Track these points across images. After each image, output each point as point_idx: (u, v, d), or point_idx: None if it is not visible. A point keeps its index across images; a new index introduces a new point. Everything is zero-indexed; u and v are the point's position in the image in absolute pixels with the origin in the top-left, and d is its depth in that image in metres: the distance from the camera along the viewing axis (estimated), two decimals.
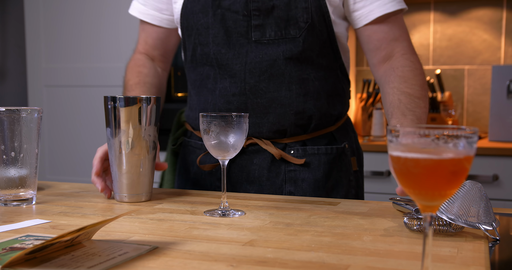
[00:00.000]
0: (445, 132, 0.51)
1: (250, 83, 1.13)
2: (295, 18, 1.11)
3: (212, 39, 1.14)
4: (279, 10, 1.11)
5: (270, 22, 1.12)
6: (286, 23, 1.11)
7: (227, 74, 1.15)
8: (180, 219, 0.85)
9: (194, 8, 1.16)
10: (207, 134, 0.88)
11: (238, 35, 1.13)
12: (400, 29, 1.15)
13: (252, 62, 1.13)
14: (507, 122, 2.25)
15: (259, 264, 0.62)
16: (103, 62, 2.73)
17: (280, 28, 1.11)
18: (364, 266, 0.62)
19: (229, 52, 1.14)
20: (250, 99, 1.13)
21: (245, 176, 1.17)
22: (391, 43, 1.14)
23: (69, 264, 0.61)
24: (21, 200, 0.97)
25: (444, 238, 0.75)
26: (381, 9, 1.12)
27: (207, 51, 1.16)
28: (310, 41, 1.12)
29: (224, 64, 1.14)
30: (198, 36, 1.16)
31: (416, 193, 0.53)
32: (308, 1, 1.11)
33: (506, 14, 2.56)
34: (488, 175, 2.05)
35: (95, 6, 2.72)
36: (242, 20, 1.12)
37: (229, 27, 1.13)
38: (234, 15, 1.12)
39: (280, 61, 1.12)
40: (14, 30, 3.13)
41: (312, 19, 1.11)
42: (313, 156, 1.16)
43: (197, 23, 1.16)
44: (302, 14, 1.11)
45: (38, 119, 0.97)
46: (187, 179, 1.26)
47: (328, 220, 0.85)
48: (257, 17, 1.12)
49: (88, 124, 2.76)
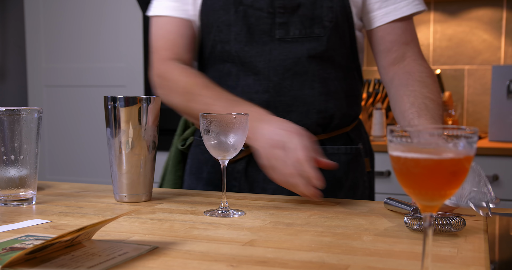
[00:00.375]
0: (445, 132, 0.51)
1: (274, 81, 1.13)
2: (320, 17, 1.11)
3: (234, 36, 1.14)
4: (304, 9, 1.11)
5: (294, 20, 1.11)
6: (311, 22, 1.11)
7: (250, 71, 1.14)
8: (180, 219, 0.85)
9: (215, 5, 1.15)
10: (207, 134, 0.88)
11: (260, 32, 1.12)
12: (412, 33, 1.17)
13: (276, 60, 1.12)
14: (507, 122, 2.25)
15: (259, 264, 0.62)
16: (103, 62, 2.73)
17: (305, 26, 1.11)
18: (364, 266, 0.62)
19: (252, 49, 1.13)
20: (273, 97, 1.13)
21: (263, 175, 1.15)
22: (402, 47, 1.15)
23: (69, 264, 0.61)
24: (21, 200, 0.97)
25: (444, 238, 0.75)
26: (397, 12, 1.14)
27: (228, 49, 1.15)
28: (333, 40, 1.13)
29: (247, 62, 1.14)
30: (218, 33, 1.15)
31: (416, 193, 0.53)
32: (333, 1, 1.11)
33: (506, 14, 2.56)
34: (488, 175, 2.05)
35: (95, 6, 2.72)
36: (266, 17, 1.12)
37: (251, 24, 1.12)
38: (257, 12, 1.12)
39: (303, 59, 1.12)
40: (14, 30, 3.13)
41: (336, 18, 1.12)
42: (333, 156, 1.16)
43: (217, 20, 1.15)
44: (327, 13, 1.11)
45: (38, 119, 0.97)
46: (200, 178, 1.25)
47: (328, 220, 0.85)
48: (282, 15, 1.12)
49: (88, 124, 2.76)
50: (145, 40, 2.63)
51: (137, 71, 2.66)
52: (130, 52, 2.67)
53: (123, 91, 2.67)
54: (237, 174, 1.18)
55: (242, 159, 1.18)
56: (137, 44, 2.65)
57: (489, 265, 0.62)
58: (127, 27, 2.67)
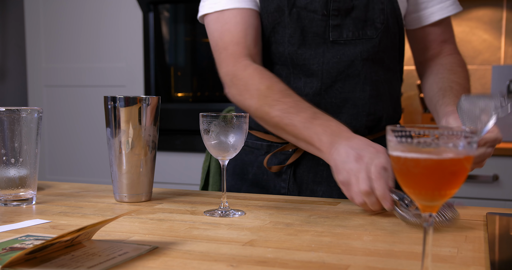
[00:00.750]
0: (445, 132, 0.51)
1: (327, 83, 1.12)
2: (372, 19, 1.12)
3: (288, 39, 1.13)
4: (358, 11, 1.12)
5: (347, 22, 1.12)
6: (363, 24, 1.12)
7: (302, 73, 1.13)
8: (180, 219, 0.85)
9: (269, 7, 1.13)
10: (207, 134, 0.88)
11: (313, 34, 1.12)
12: (450, 31, 1.20)
13: (330, 62, 1.12)
14: (507, 122, 2.25)
15: (259, 264, 0.62)
16: (103, 62, 2.73)
17: (358, 28, 1.12)
18: (364, 266, 0.62)
19: (305, 52, 1.12)
20: (324, 99, 1.13)
21: (312, 177, 1.15)
22: (440, 45, 1.19)
23: (69, 264, 0.61)
24: (21, 200, 0.97)
25: (444, 238, 0.75)
26: (442, 12, 1.16)
27: (281, 50, 1.14)
28: (384, 42, 1.14)
29: (301, 65, 1.13)
30: (274, 34, 1.14)
31: (416, 193, 0.53)
32: (384, 3, 1.12)
33: (506, 14, 2.56)
34: (488, 175, 2.05)
35: (95, 6, 2.72)
36: (321, 19, 1.11)
37: (305, 26, 1.12)
38: (310, 14, 1.11)
39: (357, 61, 1.12)
40: (14, 30, 3.13)
41: (387, 20, 1.13)
42: None
43: (272, 22, 1.14)
44: (379, 15, 1.12)
45: (38, 119, 0.97)
46: (244, 179, 1.23)
47: (328, 220, 0.85)
48: (336, 17, 1.11)
49: (88, 124, 2.76)
50: (145, 40, 2.63)
51: (137, 71, 2.66)
52: (130, 52, 2.67)
53: (123, 91, 2.67)
54: (285, 175, 1.17)
55: (291, 163, 1.17)
56: (137, 44, 2.65)
57: (489, 265, 0.62)
58: (127, 27, 2.67)
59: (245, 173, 1.23)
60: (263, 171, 1.20)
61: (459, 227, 0.81)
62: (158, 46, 2.62)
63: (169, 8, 2.62)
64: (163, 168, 2.55)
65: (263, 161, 1.18)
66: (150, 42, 2.62)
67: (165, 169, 2.56)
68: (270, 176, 1.19)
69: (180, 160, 2.55)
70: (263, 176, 1.20)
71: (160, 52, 2.63)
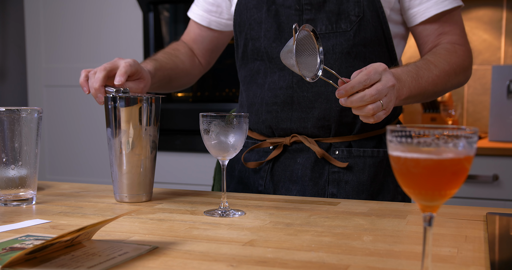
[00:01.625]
0: (445, 132, 0.51)
1: (298, 76, 1.13)
2: (346, 11, 1.11)
3: (264, 33, 1.15)
4: (330, 4, 1.12)
5: (321, 16, 1.12)
6: (337, 17, 1.11)
7: (276, 67, 1.15)
8: (180, 219, 0.85)
9: (248, 4, 1.18)
10: (207, 134, 0.88)
11: (290, 29, 1.14)
12: (452, 24, 1.16)
13: None
14: (507, 122, 2.25)
15: (259, 264, 0.62)
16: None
17: (331, 22, 1.12)
18: (364, 266, 0.62)
19: (279, 45, 1.14)
20: (297, 93, 1.13)
21: (288, 175, 1.16)
22: (437, 37, 1.16)
23: (69, 264, 0.61)
24: (21, 200, 0.97)
25: (444, 238, 0.75)
26: (438, 7, 1.13)
27: (258, 46, 1.17)
28: (361, 36, 1.12)
29: (275, 58, 1.15)
30: (250, 31, 1.18)
31: (416, 193, 0.53)
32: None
33: (506, 14, 2.56)
34: (488, 175, 2.05)
35: (95, 6, 2.72)
36: (294, 14, 1.13)
37: (282, 22, 1.14)
38: (287, 10, 1.14)
39: (329, 55, 1.12)
40: (14, 30, 3.13)
41: (364, 13, 1.11)
42: (358, 158, 1.15)
43: (250, 18, 1.17)
44: (354, 8, 1.11)
45: (38, 119, 0.97)
46: (232, 176, 1.27)
47: (328, 220, 0.85)
48: (309, 11, 1.12)
49: (88, 124, 2.76)
50: (145, 40, 2.63)
51: None
52: (130, 52, 2.67)
53: None
54: (263, 173, 1.19)
55: (270, 160, 1.18)
56: (137, 44, 2.65)
57: (489, 265, 0.62)
58: (127, 27, 2.67)
59: (233, 170, 1.26)
60: (246, 168, 1.22)
61: (459, 227, 0.81)
62: (158, 46, 2.62)
63: (169, 8, 2.62)
64: (163, 168, 2.55)
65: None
66: (150, 42, 2.62)
67: (165, 169, 2.56)
68: (250, 173, 1.22)
69: (180, 160, 2.55)
70: (245, 173, 1.23)
71: None
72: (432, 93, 1.09)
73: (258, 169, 1.20)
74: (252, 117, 1.20)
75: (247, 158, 1.22)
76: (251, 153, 1.21)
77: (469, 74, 1.17)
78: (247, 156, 1.22)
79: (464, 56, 1.14)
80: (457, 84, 1.14)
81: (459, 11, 1.17)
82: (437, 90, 1.08)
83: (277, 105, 1.15)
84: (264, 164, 1.19)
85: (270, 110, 1.16)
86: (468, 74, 1.17)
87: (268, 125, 1.17)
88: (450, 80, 1.10)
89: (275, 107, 1.15)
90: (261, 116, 1.18)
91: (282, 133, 1.17)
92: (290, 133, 1.16)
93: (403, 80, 0.99)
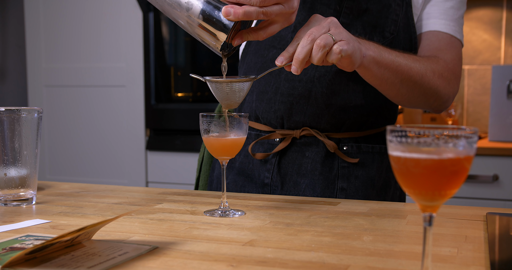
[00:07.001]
0: (445, 132, 0.51)
1: (321, 72, 1.13)
2: (382, 26, 1.12)
3: (294, 24, 1.13)
4: (370, 15, 1.12)
5: (357, 23, 1.12)
6: (372, 29, 1.12)
7: None
8: (180, 219, 0.85)
9: None
10: (207, 134, 0.88)
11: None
12: (447, 46, 1.15)
13: None
14: (507, 122, 2.25)
15: (259, 264, 0.62)
16: (103, 62, 2.73)
17: (366, 32, 1.12)
18: (364, 266, 0.62)
19: None
20: (316, 88, 1.13)
21: (296, 169, 1.16)
22: (433, 51, 1.14)
23: (69, 264, 0.61)
24: (21, 200, 0.97)
25: (444, 238, 0.75)
26: (445, 28, 1.15)
27: (283, 34, 1.15)
28: None
29: None
30: None
31: (416, 193, 0.53)
32: (399, 16, 1.12)
33: (506, 14, 2.56)
34: (488, 175, 2.05)
35: (95, 6, 2.72)
36: (332, 14, 1.12)
37: None
38: (323, 7, 1.13)
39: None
40: (14, 30, 3.13)
41: (397, 32, 1.13)
42: (367, 154, 1.16)
43: None
44: (390, 25, 1.12)
45: (38, 119, 0.97)
46: (231, 168, 1.25)
47: (328, 220, 0.85)
48: (347, 15, 1.12)
49: (88, 124, 2.76)
50: (145, 40, 2.63)
51: (137, 71, 2.66)
52: (130, 52, 2.67)
53: (123, 91, 2.67)
54: (270, 165, 1.18)
55: (276, 153, 1.18)
56: (137, 44, 2.65)
57: (489, 265, 0.62)
58: (127, 27, 2.67)
59: (232, 161, 1.25)
60: (249, 160, 1.21)
61: (459, 227, 0.81)
62: (158, 46, 2.62)
63: None
64: (163, 168, 2.55)
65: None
66: (150, 42, 2.62)
67: (165, 169, 2.56)
68: (255, 165, 1.20)
69: (180, 160, 2.55)
70: (248, 165, 1.21)
71: (160, 52, 2.63)
72: (408, 77, 1.05)
73: (264, 162, 1.19)
74: (262, 105, 1.19)
75: (253, 150, 1.20)
76: (256, 144, 1.20)
77: (450, 93, 1.14)
78: (253, 147, 1.21)
79: (449, 70, 1.13)
80: (435, 87, 1.10)
81: (460, 45, 1.18)
82: (412, 74, 1.05)
83: (293, 97, 1.14)
84: (270, 157, 1.18)
85: (284, 101, 1.15)
86: (449, 92, 1.13)
87: (280, 116, 1.16)
88: (428, 75, 1.07)
89: (291, 98, 1.14)
90: (273, 106, 1.17)
91: (293, 125, 1.16)
92: (301, 126, 1.16)
93: (365, 40, 0.99)
